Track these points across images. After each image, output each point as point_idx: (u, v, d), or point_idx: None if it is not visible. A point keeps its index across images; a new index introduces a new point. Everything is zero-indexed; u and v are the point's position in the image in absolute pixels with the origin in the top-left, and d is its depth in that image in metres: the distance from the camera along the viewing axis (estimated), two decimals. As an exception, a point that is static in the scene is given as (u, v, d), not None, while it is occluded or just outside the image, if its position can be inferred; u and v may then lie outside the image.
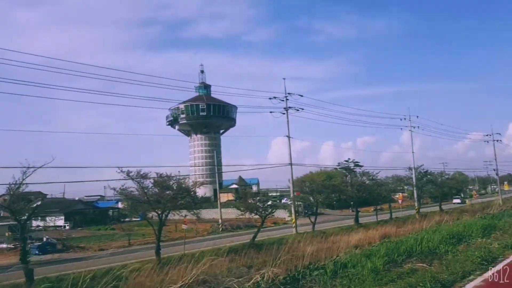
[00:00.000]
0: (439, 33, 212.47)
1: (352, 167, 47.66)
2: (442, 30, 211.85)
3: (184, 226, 27.15)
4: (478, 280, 7.72)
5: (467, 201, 67.23)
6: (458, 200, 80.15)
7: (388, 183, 59.75)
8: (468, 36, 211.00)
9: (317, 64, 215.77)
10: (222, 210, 49.18)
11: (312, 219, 37.22)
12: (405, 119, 51.85)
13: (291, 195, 38.61)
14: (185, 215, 27.06)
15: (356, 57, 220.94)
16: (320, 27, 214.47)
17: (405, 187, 60.48)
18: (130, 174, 22.31)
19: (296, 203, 41.40)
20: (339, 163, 47.78)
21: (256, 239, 30.58)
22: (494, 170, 63.55)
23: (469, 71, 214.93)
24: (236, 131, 79.44)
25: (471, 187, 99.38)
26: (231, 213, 44.29)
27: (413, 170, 51.56)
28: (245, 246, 26.17)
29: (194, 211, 26.65)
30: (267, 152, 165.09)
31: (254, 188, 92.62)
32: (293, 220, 36.27)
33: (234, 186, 74.96)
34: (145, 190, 22.92)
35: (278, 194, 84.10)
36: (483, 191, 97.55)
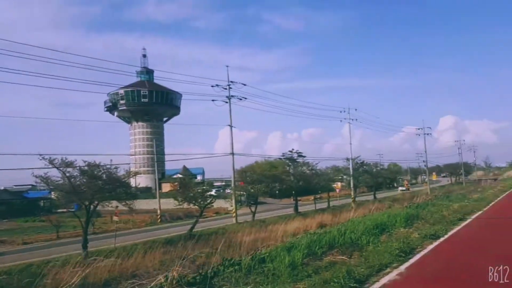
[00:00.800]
0: (382, 29, 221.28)
1: (295, 158, 48.31)
2: (384, 26, 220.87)
3: (115, 218, 25.62)
4: (393, 274, 7.51)
5: (398, 189, 70.72)
6: (403, 188, 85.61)
7: (328, 173, 61.42)
8: (406, 35, 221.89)
9: (265, 55, 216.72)
10: (164, 200, 47.50)
11: (253, 208, 37.14)
12: (344, 111, 53.09)
13: (232, 185, 38.18)
14: (117, 207, 25.64)
15: (303, 50, 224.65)
16: (269, 18, 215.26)
17: (344, 177, 62.30)
18: (54, 162, 20.54)
19: (238, 193, 41.04)
20: (283, 153, 48.09)
21: (195, 230, 29.87)
22: (423, 161, 67.13)
23: (407, 68, 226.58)
24: (181, 119, 77.45)
25: (404, 177, 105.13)
26: (173, 204, 43.06)
27: (350, 161, 53.16)
28: (182, 238, 25.48)
29: (127, 202, 25.37)
30: (214, 142, 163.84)
31: (199, 178, 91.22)
32: (234, 210, 35.89)
33: (178, 176, 73.17)
34: (71, 180, 21.21)
35: (223, 184, 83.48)
36: (414, 181, 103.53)
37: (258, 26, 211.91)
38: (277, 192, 62.61)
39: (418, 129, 67.38)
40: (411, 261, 8.55)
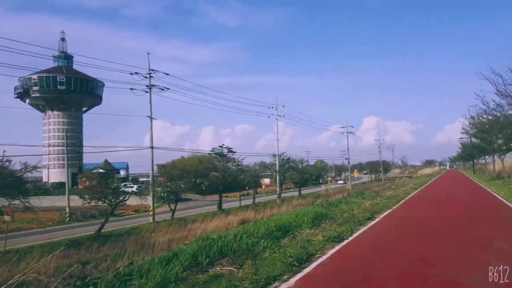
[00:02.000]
0: (314, 30, 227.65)
1: (225, 153, 47.01)
2: (316, 27, 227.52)
3: (6, 218, 22.30)
4: (279, 290, 6.44)
5: (322, 185, 72.52)
6: (341, 182, 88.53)
7: (256, 169, 60.95)
8: (337, 36, 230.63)
9: (200, 48, 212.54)
10: (78, 197, 43.56)
11: (173, 206, 35.25)
12: (273, 107, 52.81)
13: (150, 181, 35.80)
14: (9, 204, 22.53)
15: (239, 45, 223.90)
16: (205, 11, 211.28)
17: (272, 173, 62.34)
18: None
19: (159, 189, 38.69)
20: (213, 148, 46.68)
21: (106, 230, 27.39)
22: (346, 159, 69.41)
23: (337, 69, 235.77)
24: (104, 110, 72.43)
25: (329, 173, 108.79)
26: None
27: (276, 157, 53.09)
28: (89, 239, 22.94)
29: (21, 199, 22.41)
30: (144, 135, 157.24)
31: (123, 173, 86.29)
32: (151, 208, 33.70)
33: (98, 170, 68.23)
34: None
35: (148, 179, 79.57)
36: (338, 178, 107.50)
37: (194, 18, 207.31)
38: (203, 188, 61.03)
39: (342, 127, 69.58)
40: (305, 271, 7.51)
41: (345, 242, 10.40)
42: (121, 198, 28.11)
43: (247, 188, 58.03)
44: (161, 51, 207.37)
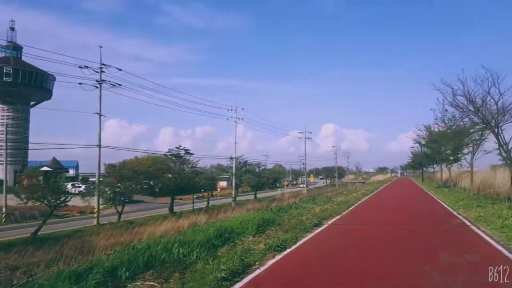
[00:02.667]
0: (277, 35, 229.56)
1: (182, 155, 45.67)
2: (279, 33, 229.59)
3: None
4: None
5: (278, 189, 72.32)
6: (303, 185, 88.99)
7: (212, 172, 59.70)
8: (301, 44, 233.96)
9: (163, 47, 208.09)
10: (19, 196, 40.36)
11: (120, 208, 33.48)
12: (232, 110, 51.96)
13: (96, 181, 33.77)
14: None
15: (202, 47, 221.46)
16: (168, 10, 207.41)
17: (230, 176, 61.46)
18: None
19: (107, 189, 36.56)
20: (169, 149, 45.16)
21: (45, 232, 25.36)
22: (303, 164, 69.74)
23: (300, 75, 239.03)
24: (53, 105, 68.48)
25: (286, 178, 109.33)
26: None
27: (233, 160, 52.26)
28: (25, 242, 21.05)
29: None
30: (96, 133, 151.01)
31: (72, 172, 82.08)
32: (96, 209, 31.77)
33: (45, 168, 64.17)
34: None
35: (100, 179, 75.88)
36: (294, 182, 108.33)
37: (158, 17, 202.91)
38: (157, 190, 58.97)
39: (300, 133, 69.93)
40: (237, 286, 6.69)
41: (287, 251, 9.69)
42: (62, 199, 26.14)
43: (202, 190, 56.73)
44: (122, 48, 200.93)
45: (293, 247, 10.29)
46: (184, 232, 11.43)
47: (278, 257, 9.06)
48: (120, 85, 33.45)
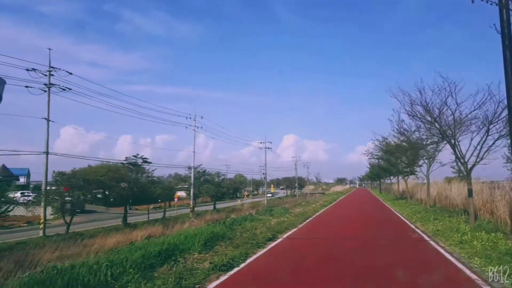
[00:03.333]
0: (236, 44, 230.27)
1: (140, 163, 43.72)
2: (237, 42, 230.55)
3: None
4: None
5: (238, 200, 71.06)
6: (269, 195, 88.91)
7: (170, 181, 57.61)
8: (260, 53, 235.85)
9: (121, 54, 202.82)
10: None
11: (70, 218, 31.07)
12: (191, 118, 50.59)
13: (43, 190, 31.26)
14: None
15: (162, 55, 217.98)
16: (128, 17, 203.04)
17: (189, 186, 59.62)
18: None
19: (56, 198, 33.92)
20: (126, 157, 42.93)
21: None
22: (263, 174, 69.05)
23: (261, 86, 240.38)
24: (4, 109, 63.90)
25: (247, 188, 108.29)
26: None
27: (192, 169, 50.68)
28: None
29: None
30: (53, 140, 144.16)
31: (22, 180, 77.13)
32: (42, 220, 29.30)
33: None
34: None
35: (53, 188, 71.62)
36: (255, 192, 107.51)
37: (117, 23, 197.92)
38: (111, 200, 56.09)
39: (261, 143, 69.40)
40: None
41: (234, 271, 8.58)
42: (3, 208, 23.87)
43: (159, 201, 54.55)
44: (78, 53, 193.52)
45: (242, 265, 9.20)
46: (117, 250, 10.01)
47: (222, 278, 7.94)
48: (70, 89, 31.29)
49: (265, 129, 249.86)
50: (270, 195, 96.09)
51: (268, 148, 69.22)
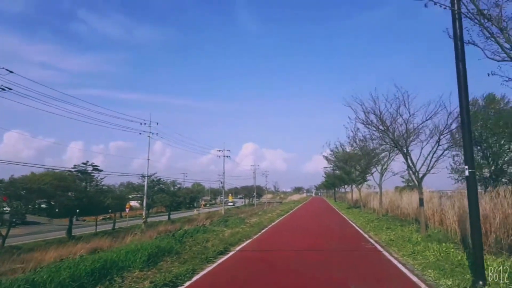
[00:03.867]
0: (198, 51, 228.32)
1: (90, 171, 41.28)
2: (200, 49, 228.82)
3: None
4: None
5: (195, 210, 69.46)
6: (231, 203, 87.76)
7: (121, 191, 55.14)
8: (219, 62, 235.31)
9: (75, 57, 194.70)
10: None
11: (6, 230, 28.60)
12: (145, 124, 48.81)
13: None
14: None
15: (120, 59, 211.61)
16: (84, 17, 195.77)
17: (142, 195, 57.40)
18: None
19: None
20: (74, 165, 40.39)
21: None
22: (221, 182, 68.04)
23: (220, 93, 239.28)
24: None
25: (205, 197, 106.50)
26: None
27: (146, 178, 48.75)
28: None
29: None
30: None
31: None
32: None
33: None
34: None
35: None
36: (213, 201, 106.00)
37: (72, 24, 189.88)
38: (56, 210, 52.70)
39: (219, 151, 68.49)
40: None
41: (177, 291, 7.78)
42: None
43: (109, 211, 52.02)
44: (28, 54, 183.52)
45: (187, 283, 8.41)
46: (41, 269, 8.85)
47: (161, 300, 7.12)
48: (10, 89, 28.99)
49: (225, 137, 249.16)
50: (231, 203, 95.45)
51: (227, 156, 68.48)
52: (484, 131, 31.81)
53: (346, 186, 60.97)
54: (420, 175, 14.69)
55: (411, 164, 14.90)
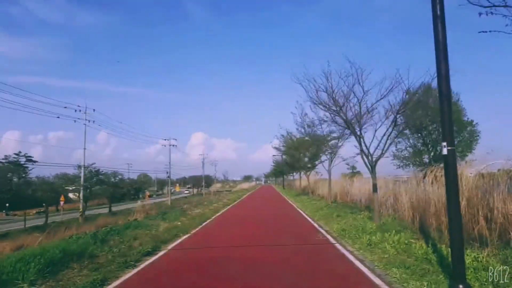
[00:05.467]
0: (145, 38, 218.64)
1: (23, 162, 36.90)
2: (146, 37, 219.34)
3: None
4: None
5: (139, 201, 65.76)
6: (187, 192, 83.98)
7: (55, 182, 50.50)
8: (169, 49, 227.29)
9: (13, 40, 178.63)
10: None
11: None
12: (80, 110, 44.52)
13: None
14: None
15: (60, 45, 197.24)
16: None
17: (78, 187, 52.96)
18: None
19: None
20: (5, 155, 35.82)
21: None
22: (167, 172, 64.87)
23: (169, 82, 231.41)
24: None
25: (151, 188, 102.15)
26: None
27: (82, 168, 44.71)
28: None
29: None
30: None
31: None
32: None
33: None
34: None
35: None
36: (160, 192, 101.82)
37: (4, 5, 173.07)
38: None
39: (165, 139, 65.29)
40: None
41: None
42: None
43: (43, 204, 47.38)
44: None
45: (86, 302, 6.20)
46: None
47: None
48: None
49: (174, 126, 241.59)
50: (187, 192, 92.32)
51: (173, 145, 65.44)
52: (424, 119, 31.87)
53: (294, 174, 60.44)
54: (374, 159, 13.38)
55: (364, 148, 13.53)
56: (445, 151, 5.82)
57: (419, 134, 36.58)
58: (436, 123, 35.33)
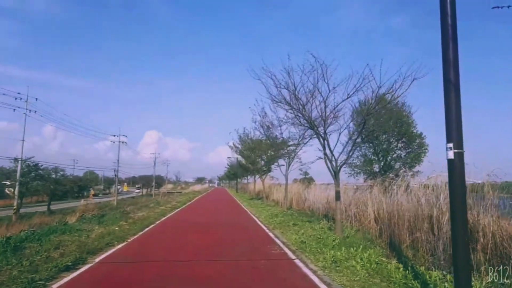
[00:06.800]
0: (105, 31, 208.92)
1: None
2: (108, 29, 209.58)
3: None
4: None
5: (82, 200, 61.31)
6: (138, 190, 78.78)
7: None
8: (123, 44, 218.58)
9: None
10: None
11: None
12: (21, 99, 40.42)
13: None
14: None
15: (9, 30, 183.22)
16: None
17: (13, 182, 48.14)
18: None
19: None
20: None
21: None
22: (115, 170, 60.90)
23: (126, 78, 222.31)
24: None
25: (98, 186, 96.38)
26: None
27: (19, 162, 40.47)
28: None
29: None
30: None
31: None
32: None
33: None
34: None
35: None
36: (107, 191, 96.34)
37: None
38: None
39: (114, 136, 61.43)
40: None
41: None
42: None
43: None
44: None
45: None
46: None
47: None
48: None
49: (127, 124, 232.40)
50: (138, 191, 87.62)
51: (123, 142, 61.61)
52: (376, 128, 31.62)
53: (249, 177, 59.01)
54: (339, 164, 12.13)
55: (328, 151, 12.25)
56: (451, 155, 4.48)
57: (370, 144, 36.62)
58: (386, 133, 35.55)
